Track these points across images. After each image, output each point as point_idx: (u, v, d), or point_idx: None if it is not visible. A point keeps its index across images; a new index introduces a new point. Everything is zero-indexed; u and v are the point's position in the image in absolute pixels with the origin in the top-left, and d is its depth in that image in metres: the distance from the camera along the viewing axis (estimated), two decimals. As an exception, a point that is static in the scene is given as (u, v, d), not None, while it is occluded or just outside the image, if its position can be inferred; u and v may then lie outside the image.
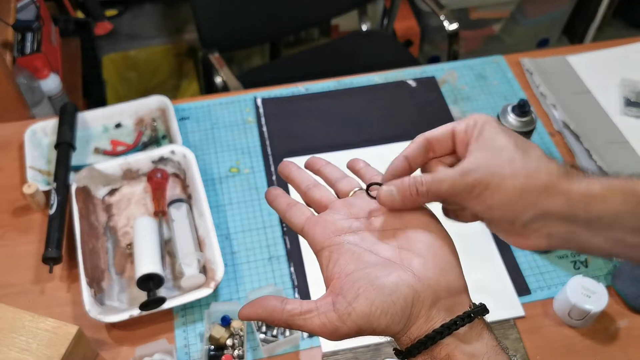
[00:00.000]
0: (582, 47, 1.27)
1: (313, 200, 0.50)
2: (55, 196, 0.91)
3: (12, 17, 1.42)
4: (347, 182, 0.51)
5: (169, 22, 2.45)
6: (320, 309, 0.42)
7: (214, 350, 0.80)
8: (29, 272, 0.89)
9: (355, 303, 0.41)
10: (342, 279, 0.43)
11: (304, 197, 0.51)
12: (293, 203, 0.50)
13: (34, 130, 1.04)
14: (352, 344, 0.82)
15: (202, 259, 0.87)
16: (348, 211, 0.47)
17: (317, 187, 0.51)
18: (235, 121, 1.10)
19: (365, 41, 1.74)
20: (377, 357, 0.81)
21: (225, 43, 1.48)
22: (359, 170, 0.52)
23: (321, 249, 0.46)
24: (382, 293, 0.40)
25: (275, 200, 0.51)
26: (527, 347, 0.82)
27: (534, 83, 1.17)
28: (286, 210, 0.50)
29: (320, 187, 0.51)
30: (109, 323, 0.83)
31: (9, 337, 0.73)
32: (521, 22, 2.21)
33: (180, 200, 0.95)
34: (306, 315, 0.42)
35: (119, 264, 0.90)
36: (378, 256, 0.44)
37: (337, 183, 0.51)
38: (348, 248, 0.44)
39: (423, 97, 1.15)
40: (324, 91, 1.16)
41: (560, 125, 1.09)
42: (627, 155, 1.05)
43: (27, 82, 1.42)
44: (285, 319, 0.43)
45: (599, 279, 0.88)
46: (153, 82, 2.21)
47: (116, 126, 1.09)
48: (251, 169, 1.03)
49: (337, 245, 0.45)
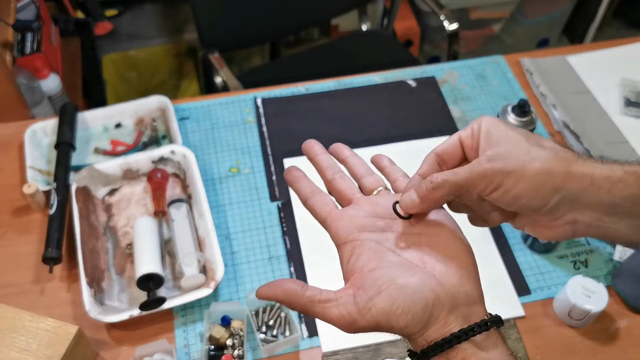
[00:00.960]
0: (582, 47, 1.27)
1: (337, 190, 0.50)
2: (55, 196, 0.91)
3: (12, 17, 1.42)
4: (374, 179, 0.51)
5: (169, 22, 2.45)
6: (340, 300, 0.42)
7: (214, 350, 0.80)
8: (29, 272, 0.89)
9: (376, 299, 0.41)
10: (364, 274, 0.43)
11: (328, 185, 0.51)
12: (317, 191, 0.50)
13: (34, 130, 1.04)
14: (352, 344, 0.82)
15: (202, 259, 0.87)
16: (372, 209, 0.48)
17: (343, 177, 0.51)
18: (235, 121, 1.10)
19: (365, 41, 1.74)
20: (377, 357, 0.81)
21: (225, 43, 1.48)
22: (384, 168, 0.53)
23: (344, 243, 0.46)
24: (405, 292, 0.41)
25: (296, 182, 0.51)
26: (527, 347, 0.82)
27: (534, 83, 1.17)
28: (309, 197, 0.49)
29: (345, 179, 0.51)
30: (109, 323, 0.83)
31: (9, 337, 0.73)
32: (521, 22, 2.21)
33: (180, 200, 0.95)
34: (325, 304, 0.43)
35: (119, 264, 0.90)
36: (401, 257, 0.44)
37: (362, 178, 0.51)
38: (371, 245, 0.45)
39: (423, 97, 1.15)
40: (324, 91, 1.16)
41: (560, 125, 1.09)
42: (627, 155, 1.05)
43: (27, 82, 1.42)
44: (304, 303, 0.43)
45: (599, 279, 0.88)
46: (153, 82, 2.21)
47: (116, 126, 1.09)
48: (251, 169, 1.03)
49: (360, 242, 0.45)
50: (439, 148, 0.47)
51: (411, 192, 0.45)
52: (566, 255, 0.92)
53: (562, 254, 0.92)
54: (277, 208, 0.98)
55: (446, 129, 1.09)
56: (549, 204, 0.42)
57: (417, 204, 0.45)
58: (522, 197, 0.42)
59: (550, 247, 0.91)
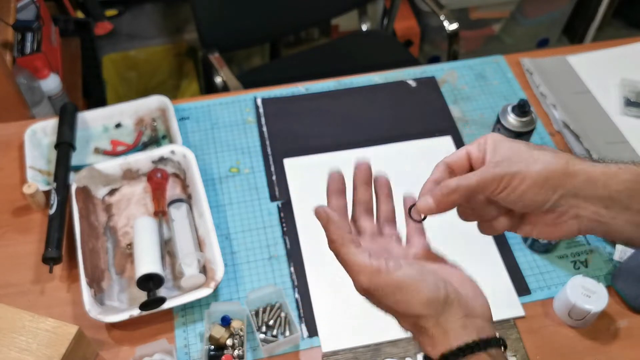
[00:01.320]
0: (582, 47, 1.27)
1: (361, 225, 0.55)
2: (55, 196, 0.91)
3: (12, 17, 1.42)
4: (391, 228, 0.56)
5: (169, 22, 2.45)
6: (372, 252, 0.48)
7: (214, 350, 0.80)
8: (29, 272, 0.89)
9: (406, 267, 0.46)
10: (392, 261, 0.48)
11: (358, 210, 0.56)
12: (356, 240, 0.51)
13: (34, 130, 1.04)
14: (352, 344, 0.82)
15: (202, 259, 0.87)
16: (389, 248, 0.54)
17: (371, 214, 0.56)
18: (235, 121, 1.10)
19: (365, 41, 1.74)
20: (377, 357, 0.81)
21: (225, 43, 1.48)
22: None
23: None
24: (430, 277, 0.47)
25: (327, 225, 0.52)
26: (527, 347, 0.82)
27: (534, 83, 1.17)
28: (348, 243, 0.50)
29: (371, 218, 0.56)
30: (109, 323, 0.83)
31: (9, 337, 0.73)
32: (521, 22, 2.21)
33: (180, 200, 0.95)
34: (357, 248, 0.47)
35: (119, 264, 0.90)
36: (423, 267, 0.49)
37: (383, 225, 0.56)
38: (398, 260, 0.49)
39: (423, 97, 1.15)
40: (324, 91, 1.16)
41: (560, 125, 1.09)
42: (627, 155, 1.05)
43: (27, 82, 1.42)
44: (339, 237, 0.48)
45: (599, 279, 0.88)
46: (153, 82, 2.21)
47: (116, 126, 1.09)
48: (251, 169, 1.03)
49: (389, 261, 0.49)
50: (448, 158, 0.52)
51: (426, 197, 0.50)
52: (566, 255, 0.92)
53: (562, 254, 0.92)
54: (277, 208, 0.98)
55: (446, 129, 1.09)
56: (552, 199, 0.47)
57: (433, 207, 0.49)
58: (527, 194, 0.47)
59: (550, 247, 0.91)
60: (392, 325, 0.50)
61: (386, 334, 0.83)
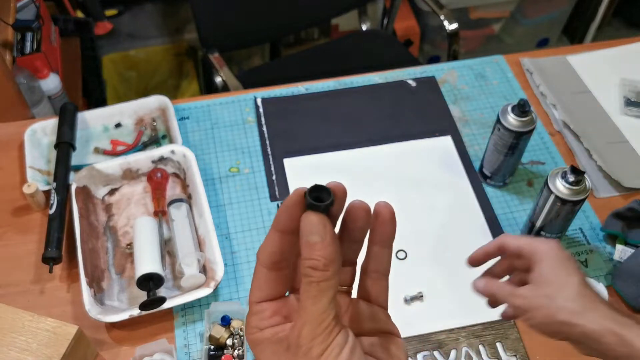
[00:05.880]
0: (582, 47, 1.27)
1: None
2: (55, 196, 0.91)
3: (12, 17, 1.42)
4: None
5: (169, 22, 2.45)
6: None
7: (214, 350, 0.80)
8: (29, 272, 0.89)
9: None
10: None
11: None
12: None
13: (34, 130, 1.04)
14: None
15: (202, 259, 0.87)
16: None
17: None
18: (235, 121, 1.10)
19: (365, 41, 1.74)
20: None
21: (225, 43, 1.48)
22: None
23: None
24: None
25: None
26: (527, 347, 0.82)
27: (534, 83, 1.17)
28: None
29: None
30: (109, 323, 0.83)
31: (9, 337, 0.73)
32: (521, 22, 2.21)
33: (180, 200, 0.95)
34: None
35: (119, 264, 0.90)
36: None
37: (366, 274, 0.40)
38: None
39: (423, 97, 1.15)
40: (324, 91, 1.16)
41: (560, 125, 1.09)
42: (627, 155, 1.05)
43: (27, 82, 1.42)
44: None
45: (599, 279, 0.88)
46: (153, 82, 2.21)
47: (116, 126, 1.09)
48: (251, 169, 1.03)
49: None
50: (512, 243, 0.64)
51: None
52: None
53: (562, 254, 0.92)
54: (277, 208, 0.98)
55: (446, 129, 1.09)
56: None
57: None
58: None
59: (550, 247, 0.91)
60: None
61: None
